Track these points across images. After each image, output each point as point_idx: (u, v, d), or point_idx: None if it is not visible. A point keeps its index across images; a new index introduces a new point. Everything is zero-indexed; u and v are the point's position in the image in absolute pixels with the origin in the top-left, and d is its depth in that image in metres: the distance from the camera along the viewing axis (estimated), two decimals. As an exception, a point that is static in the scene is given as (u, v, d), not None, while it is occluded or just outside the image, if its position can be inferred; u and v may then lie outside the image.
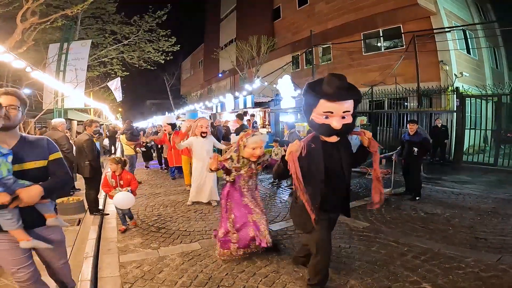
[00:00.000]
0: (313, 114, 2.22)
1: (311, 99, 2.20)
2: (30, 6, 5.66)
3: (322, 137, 2.30)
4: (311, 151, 2.26)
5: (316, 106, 2.17)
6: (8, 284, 2.79)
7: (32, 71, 5.07)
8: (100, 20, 14.97)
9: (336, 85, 2.12)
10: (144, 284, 2.79)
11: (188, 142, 5.42)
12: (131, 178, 4.22)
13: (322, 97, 2.13)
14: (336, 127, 2.13)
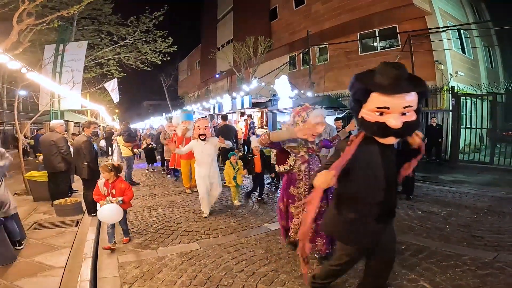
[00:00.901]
0: (364, 111, 1.85)
1: (360, 93, 1.84)
2: (27, 7, 5.63)
3: (376, 139, 1.89)
4: (364, 156, 1.89)
5: (366, 101, 1.82)
6: (7, 285, 2.79)
7: (27, 72, 5.05)
8: (96, 21, 14.93)
9: (392, 74, 1.73)
10: (144, 284, 2.80)
11: (189, 147, 4.94)
12: (126, 188, 3.72)
13: (375, 89, 1.76)
14: (394, 126, 1.75)
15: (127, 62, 16.02)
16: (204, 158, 4.82)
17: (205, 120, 5.06)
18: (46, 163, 5.33)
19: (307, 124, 2.91)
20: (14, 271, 3.02)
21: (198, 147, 4.83)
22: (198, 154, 4.85)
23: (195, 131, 4.86)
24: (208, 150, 4.85)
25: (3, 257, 3.13)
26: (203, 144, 4.81)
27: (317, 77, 15.67)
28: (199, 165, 4.88)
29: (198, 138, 4.79)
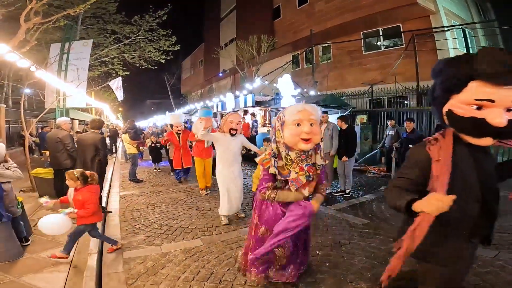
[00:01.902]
0: (454, 103, 1.48)
1: (454, 80, 1.47)
2: (34, 6, 5.71)
3: (465, 138, 1.51)
4: (455, 160, 1.49)
5: (461, 91, 1.46)
6: (13, 280, 2.85)
7: (36, 71, 5.13)
8: (101, 19, 15.07)
9: (502, 61, 1.37)
10: (148, 280, 2.85)
11: (214, 137, 4.49)
12: (86, 200, 3.17)
13: (477, 77, 1.40)
14: (497, 124, 1.39)
15: (131, 60, 16.16)
16: (229, 155, 4.40)
17: (238, 114, 4.62)
18: (52, 160, 5.40)
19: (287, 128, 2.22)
20: (20, 266, 3.08)
21: (224, 142, 4.39)
22: (222, 150, 4.42)
23: (227, 125, 4.39)
24: (235, 146, 4.44)
25: (10, 253, 3.20)
26: (231, 139, 4.39)
27: (320, 76, 15.68)
28: (222, 162, 4.43)
29: (229, 132, 4.38)
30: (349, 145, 5.79)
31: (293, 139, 2.15)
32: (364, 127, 9.85)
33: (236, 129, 4.42)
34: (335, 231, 3.95)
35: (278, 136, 2.26)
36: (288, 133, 2.17)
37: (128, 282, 2.82)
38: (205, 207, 5.21)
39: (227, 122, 4.41)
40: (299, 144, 2.16)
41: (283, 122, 2.21)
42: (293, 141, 2.17)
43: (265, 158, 2.32)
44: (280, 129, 2.23)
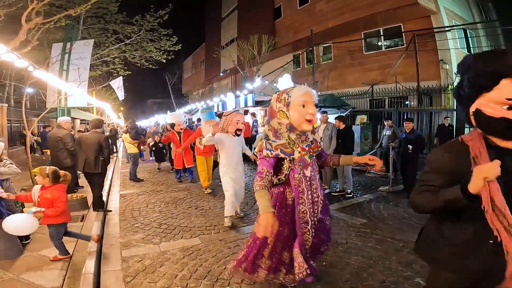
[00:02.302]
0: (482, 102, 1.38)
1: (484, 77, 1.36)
2: (35, 6, 5.75)
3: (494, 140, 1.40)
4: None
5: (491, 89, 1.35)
6: (13, 278, 2.89)
7: (34, 70, 5.17)
8: (102, 19, 15.12)
9: None
10: (145, 277, 2.88)
11: (218, 139, 4.27)
12: (56, 199, 3.06)
13: (509, 75, 1.29)
14: None
15: (132, 60, 16.20)
16: (235, 157, 4.32)
17: (241, 114, 4.55)
18: (53, 159, 5.45)
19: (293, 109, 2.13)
20: (20, 264, 3.11)
21: (230, 144, 4.28)
22: (227, 152, 4.30)
23: (232, 126, 4.26)
24: (239, 147, 4.42)
25: (10, 251, 3.23)
26: (235, 140, 4.34)
27: (321, 75, 15.68)
28: (227, 163, 4.30)
29: (234, 133, 4.28)
30: (347, 145, 5.80)
31: (299, 120, 2.12)
32: (364, 127, 9.86)
33: (242, 129, 4.33)
34: (333, 231, 3.96)
35: (281, 116, 2.16)
36: (295, 114, 2.11)
37: (126, 280, 2.85)
38: (204, 206, 5.24)
39: (233, 123, 4.25)
40: (303, 125, 2.12)
41: (289, 103, 2.13)
42: (298, 122, 2.12)
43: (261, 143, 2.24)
44: (285, 110, 2.14)
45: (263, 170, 2.06)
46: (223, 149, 4.31)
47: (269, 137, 2.20)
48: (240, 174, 4.41)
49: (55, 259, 3.18)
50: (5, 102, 12.77)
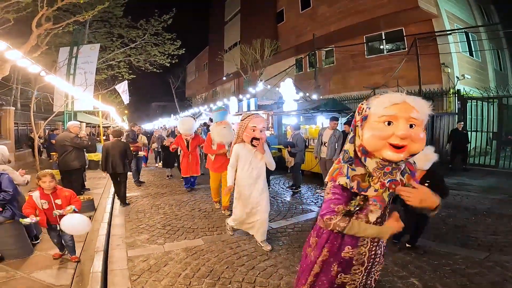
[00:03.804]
0: None
1: None
2: (45, 12, 5.95)
3: None
4: None
5: None
6: (24, 276, 3.01)
7: (46, 75, 5.35)
8: (107, 23, 15.39)
9: None
10: (150, 276, 3.00)
11: (234, 153, 3.55)
12: (71, 195, 3.26)
13: None
14: None
15: (136, 64, 16.45)
16: (252, 172, 3.48)
17: (262, 118, 3.54)
18: (60, 162, 5.63)
19: (375, 122, 1.43)
20: (31, 263, 3.23)
21: (245, 156, 3.47)
22: (242, 166, 3.51)
23: (247, 133, 3.39)
24: (258, 161, 3.50)
25: (21, 250, 3.36)
26: (253, 152, 3.47)
27: (323, 79, 15.77)
28: (242, 182, 3.53)
29: (250, 143, 3.41)
30: None
31: (376, 143, 1.41)
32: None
33: (260, 139, 3.38)
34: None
35: (356, 134, 1.54)
36: (370, 134, 1.43)
37: (132, 279, 2.97)
38: (207, 208, 5.36)
39: (248, 129, 3.38)
40: (384, 151, 1.41)
41: (366, 116, 1.46)
42: (375, 146, 1.42)
43: (337, 167, 1.58)
44: (360, 125, 1.50)
45: (339, 210, 1.50)
46: (239, 163, 3.52)
47: (352, 162, 1.54)
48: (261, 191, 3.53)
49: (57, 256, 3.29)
50: (12, 105, 13.02)
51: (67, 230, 3.05)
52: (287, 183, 7.38)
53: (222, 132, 4.99)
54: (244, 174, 3.51)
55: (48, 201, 3.14)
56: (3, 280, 2.86)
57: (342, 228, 1.48)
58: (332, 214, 1.50)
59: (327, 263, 1.68)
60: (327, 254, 1.66)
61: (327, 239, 1.66)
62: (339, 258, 1.65)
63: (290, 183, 7.02)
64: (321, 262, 1.69)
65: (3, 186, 3.21)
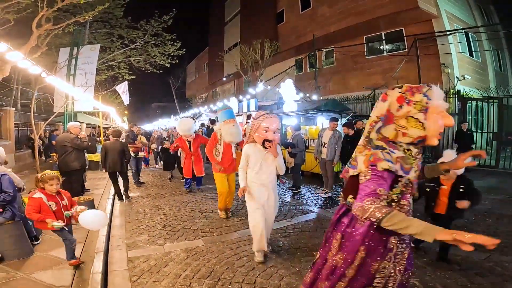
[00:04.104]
0: None
1: None
2: (45, 13, 5.96)
3: None
4: None
5: None
6: (24, 277, 3.01)
7: (47, 76, 5.36)
8: (108, 24, 15.41)
9: None
10: (151, 277, 3.00)
11: (244, 154, 3.34)
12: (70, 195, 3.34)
13: None
14: None
15: (137, 64, 16.47)
16: (263, 175, 3.27)
17: (276, 118, 3.29)
18: (60, 162, 5.63)
19: (432, 116, 1.50)
20: (31, 264, 3.23)
21: (256, 157, 3.27)
22: (252, 167, 3.30)
23: (259, 134, 3.19)
24: (269, 164, 3.29)
25: (21, 251, 3.37)
26: (264, 154, 3.26)
27: (323, 80, 15.80)
28: (254, 184, 3.29)
29: (262, 145, 3.21)
30: None
31: (435, 133, 1.54)
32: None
33: (274, 140, 3.16)
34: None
35: (412, 125, 1.52)
36: (433, 125, 1.51)
37: (132, 279, 2.97)
38: (208, 209, 5.36)
39: (260, 130, 3.18)
40: (435, 139, 1.55)
41: (427, 108, 1.50)
42: (434, 135, 1.54)
43: (370, 154, 1.56)
44: (422, 118, 1.51)
45: (381, 192, 1.44)
46: (250, 164, 3.33)
47: (384, 147, 1.58)
48: (273, 200, 3.35)
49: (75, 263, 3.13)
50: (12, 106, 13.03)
51: (87, 225, 3.08)
52: (287, 184, 7.37)
53: (231, 131, 4.65)
54: (254, 176, 3.28)
55: (56, 203, 3.13)
56: (3, 280, 2.86)
57: (384, 214, 1.35)
58: (375, 196, 1.42)
59: (365, 264, 1.60)
60: (363, 255, 1.59)
61: (365, 235, 1.57)
62: (379, 254, 1.58)
63: (290, 184, 7.01)
64: (357, 266, 1.60)
65: (4, 187, 3.21)
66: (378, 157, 1.51)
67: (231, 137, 4.66)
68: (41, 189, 3.11)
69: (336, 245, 1.69)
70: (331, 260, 1.71)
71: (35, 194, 3.10)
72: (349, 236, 1.64)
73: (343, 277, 1.65)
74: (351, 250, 1.62)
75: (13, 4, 6.59)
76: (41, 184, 3.08)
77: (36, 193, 3.10)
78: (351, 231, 1.64)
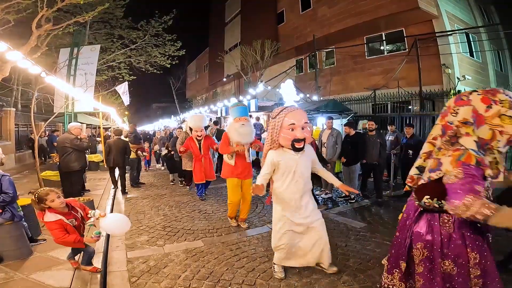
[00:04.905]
0: None
1: None
2: (45, 13, 5.94)
3: None
4: None
5: None
6: (23, 278, 3.00)
7: (46, 76, 5.35)
8: (108, 24, 15.42)
9: None
10: (150, 278, 2.99)
11: (271, 163, 2.73)
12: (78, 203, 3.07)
13: None
14: None
15: (137, 65, 16.47)
16: (299, 184, 2.73)
17: (301, 110, 2.78)
18: (61, 163, 5.63)
19: None
20: (30, 265, 3.22)
21: (287, 165, 2.70)
22: (283, 179, 2.74)
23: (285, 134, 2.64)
24: (304, 167, 2.76)
25: (20, 251, 3.36)
26: (298, 157, 2.71)
27: (324, 80, 15.79)
28: (283, 197, 2.77)
29: (291, 147, 2.64)
30: (359, 152, 5.67)
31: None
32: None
33: (304, 139, 2.63)
34: (333, 234, 4.05)
35: (508, 122, 1.55)
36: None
37: (131, 280, 2.96)
38: (207, 210, 5.35)
39: (284, 129, 2.63)
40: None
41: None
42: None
43: (459, 154, 1.60)
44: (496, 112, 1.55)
45: (479, 189, 1.47)
46: (277, 174, 2.77)
47: (474, 149, 1.60)
48: (312, 204, 2.86)
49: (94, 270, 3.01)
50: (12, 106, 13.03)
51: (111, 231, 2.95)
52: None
53: (240, 130, 4.13)
54: (288, 187, 2.72)
55: (76, 218, 2.87)
56: (2, 281, 2.85)
57: (492, 210, 1.35)
58: (476, 194, 1.42)
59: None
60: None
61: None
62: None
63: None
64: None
65: (4, 188, 3.20)
66: (469, 156, 1.56)
67: (239, 137, 4.15)
68: (50, 209, 2.72)
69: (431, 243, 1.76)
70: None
71: (48, 217, 2.71)
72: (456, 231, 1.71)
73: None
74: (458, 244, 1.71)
75: (13, 5, 6.59)
76: (43, 204, 2.70)
77: (48, 215, 2.70)
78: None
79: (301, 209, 2.76)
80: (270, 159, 2.73)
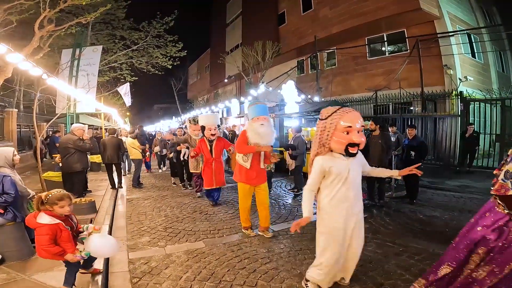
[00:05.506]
0: None
1: None
2: (47, 14, 5.98)
3: None
4: None
5: None
6: (25, 278, 3.01)
7: (48, 78, 5.36)
8: (110, 25, 15.49)
9: None
10: (151, 279, 2.99)
11: (318, 169, 2.48)
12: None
13: None
14: None
15: (139, 66, 16.52)
16: (348, 191, 2.45)
17: (357, 113, 2.44)
18: (63, 164, 5.65)
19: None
20: (31, 265, 3.22)
21: (339, 171, 2.43)
22: (332, 186, 2.47)
23: (339, 137, 2.38)
24: (357, 175, 2.53)
25: (22, 252, 3.36)
26: (350, 163, 2.45)
27: (325, 81, 15.77)
28: (330, 208, 2.48)
29: (345, 151, 2.38)
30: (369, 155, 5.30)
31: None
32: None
33: (359, 144, 2.38)
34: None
35: None
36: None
37: (133, 281, 2.96)
38: (209, 211, 5.35)
39: (338, 131, 2.37)
40: None
41: None
42: None
43: None
44: None
45: None
46: (326, 180, 2.50)
47: None
48: (360, 214, 2.57)
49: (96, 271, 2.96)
50: (14, 107, 13.09)
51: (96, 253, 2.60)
52: (288, 186, 7.36)
53: (259, 130, 3.78)
54: (337, 196, 2.45)
55: (71, 226, 2.57)
56: (4, 282, 2.85)
57: None
58: None
59: None
60: None
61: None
62: None
63: (292, 186, 7.00)
64: None
65: (5, 188, 3.21)
66: None
67: (259, 138, 3.79)
68: (48, 212, 2.46)
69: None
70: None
71: (42, 219, 2.40)
72: None
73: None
74: None
75: (15, 5, 6.62)
76: (48, 206, 2.46)
77: (43, 217, 2.42)
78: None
79: (351, 219, 2.48)
80: (319, 165, 2.46)
